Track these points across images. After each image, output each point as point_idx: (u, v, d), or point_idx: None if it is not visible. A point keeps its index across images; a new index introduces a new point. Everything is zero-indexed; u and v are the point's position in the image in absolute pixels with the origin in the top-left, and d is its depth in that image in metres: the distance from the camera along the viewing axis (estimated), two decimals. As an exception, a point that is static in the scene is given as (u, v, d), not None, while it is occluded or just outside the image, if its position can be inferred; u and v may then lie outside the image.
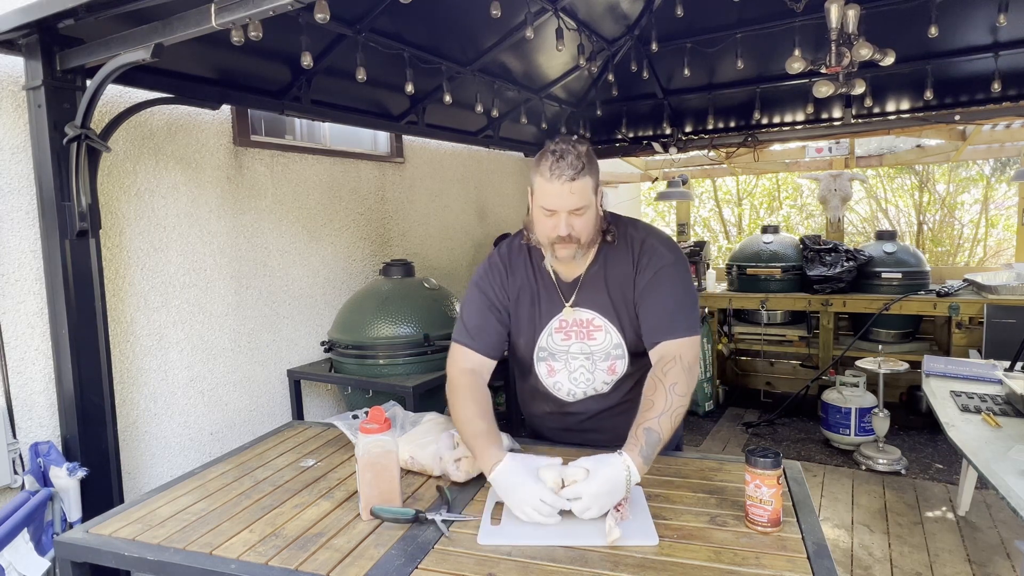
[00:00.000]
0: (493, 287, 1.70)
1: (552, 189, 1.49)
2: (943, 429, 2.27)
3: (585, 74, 3.96)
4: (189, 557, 1.28)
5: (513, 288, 1.70)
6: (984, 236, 8.76)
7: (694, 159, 6.15)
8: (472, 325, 1.68)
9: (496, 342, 1.69)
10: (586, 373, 1.68)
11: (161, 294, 2.66)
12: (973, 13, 3.17)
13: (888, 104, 4.19)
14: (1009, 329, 4.05)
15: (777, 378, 5.36)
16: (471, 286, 1.75)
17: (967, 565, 2.82)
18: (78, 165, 2.03)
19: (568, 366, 1.68)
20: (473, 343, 1.66)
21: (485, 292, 1.71)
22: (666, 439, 1.41)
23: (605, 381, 1.68)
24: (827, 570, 1.15)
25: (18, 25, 1.85)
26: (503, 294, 1.70)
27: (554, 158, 1.48)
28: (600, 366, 1.66)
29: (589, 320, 1.65)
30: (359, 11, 2.61)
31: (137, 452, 2.58)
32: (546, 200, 1.51)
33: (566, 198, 1.49)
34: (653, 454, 1.38)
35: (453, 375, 1.65)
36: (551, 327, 1.68)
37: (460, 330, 1.70)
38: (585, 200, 1.51)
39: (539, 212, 1.54)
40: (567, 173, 1.47)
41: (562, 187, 1.48)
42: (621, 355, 1.66)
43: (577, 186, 1.48)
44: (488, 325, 1.68)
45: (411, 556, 1.24)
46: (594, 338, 1.65)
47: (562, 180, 1.47)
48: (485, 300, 1.70)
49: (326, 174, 3.47)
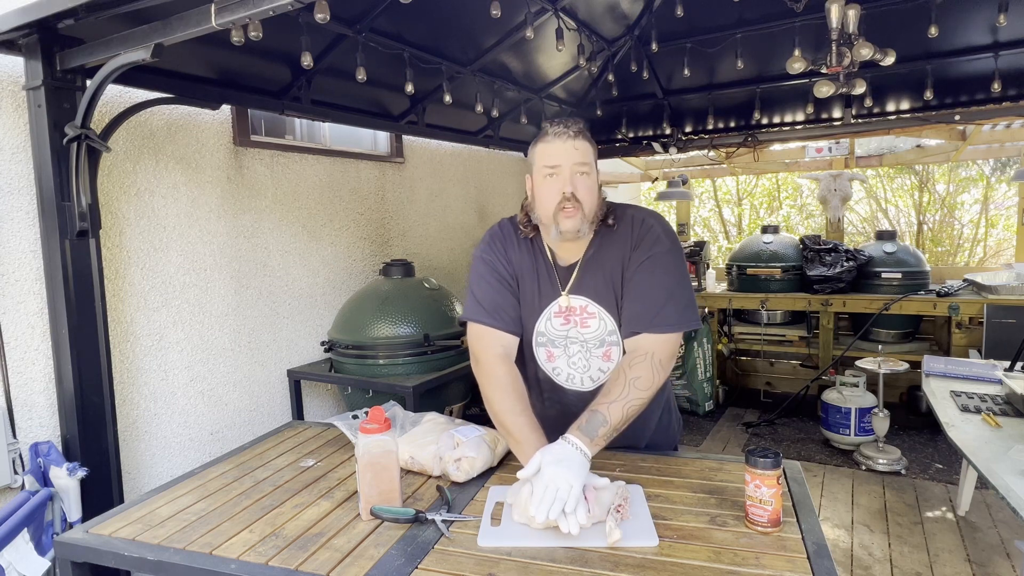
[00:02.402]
0: (500, 260, 1.65)
1: (554, 147, 1.51)
2: (943, 429, 2.27)
3: (585, 74, 3.95)
4: (189, 557, 1.28)
5: (517, 263, 1.66)
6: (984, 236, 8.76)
7: (694, 159, 6.14)
8: (489, 302, 1.62)
9: (516, 317, 1.64)
10: (582, 360, 1.65)
11: (161, 294, 2.66)
12: (973, 13, 3.17)
13: (888, 104, 4.19)
14: (1009, 329, 4.05)
15: (777, 378, 5.36)
16: (478, 261, 1.68)
17: (967, 565, 2.82)
18: (78, 165, 2.03)
19: (567, 351, 1.66)
20: (496, 322, 1.61)
21: (494, 266, 1.65)
22: (615, 424, 1.39)
23: (601, 368, 1.65)
24: (827, 570, 1.15)
25: (18, 25, 1.85)
26: (510, 267, 1.66)
27: (553, 125, 1.54)
28: (595, 352, 1.64)
29: (583, 307, 1.62)
30: (359, 11, 2.61)
31: (137, 452, 2.58)
32: (549, 158, 1.51)
33: (570, 153, 1.50)
34: (597, 432, 1.37)
35: (487, 361, 1.58)
36: (550, 311, 1.64)
37: (476, 308, 1.63)
38: (587, 159, 1.52)
39: (542, 178, 1.53)
40: (569, 132, 1.51)
41: (564, 144, 1.50)
42: (616, 342, 1.62)
43: (579, 143, 1.51)
44: (505, 301, 1.63)
45: (411, 556, 1.24)
46: (588, 325, 1.62)
47: (564, 138, 1.50)
48: (496, 274, 1.65)
49: (326, 174, 3.47)
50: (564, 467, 1.29)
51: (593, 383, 1.66)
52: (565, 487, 1.26)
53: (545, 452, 1.34)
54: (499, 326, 1.61)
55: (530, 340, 1.68)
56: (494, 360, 1.58)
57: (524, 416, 1.49)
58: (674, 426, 1.86)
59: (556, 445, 1.35)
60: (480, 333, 1.62)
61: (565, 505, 1.25)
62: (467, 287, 1.71)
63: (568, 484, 1.26)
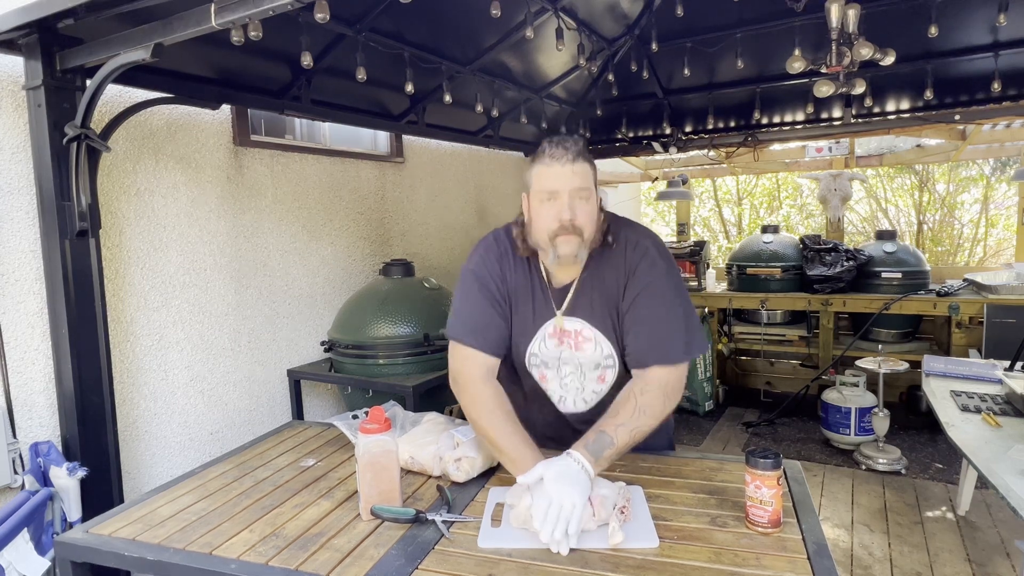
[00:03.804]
0: (494, 278, 1.60)
1: (553, 171, 1.46)
2: (943, 429, 2.27)
3: (585, 74, 3.95)
4: (189, 557, 1.28)
5: (512, 281, 1.61)
6: (984, 236, 8.76)
7: (694, 159, 6.14)
8: (475, 322, 1.58)
9: (501, 338, 1.59)
10: (576, 382, 1.63)
11: (161, 294, 2.66)
12: (973, 13, 3.17)
13: (888, 104, 4.19)
14: (1009, 329, 4.05)
15: (777, 378, 5.36)
16: (468, 274, 1.63)
17: (967, 565, 2.82)
18: (78, 165, 2.03)
19: (559, 372, 1.63)
20: (481, 343, 1.56)
21: (485, 283, 1.60)
22: (620, 448, 1.38)
23: (595, 391, 1.63)
24: (827, 570, 1.15)
25: (18, 25, 1.85)
26: (503, 286, 1.60)
27: (551, 146, 1.48)
28: (590, 375, 1.61)
29: (578, 331, 1.58)
30: (359, 11, 2.61)
31: (137, 452, 2.58)
32: (547, 183, 1.47)
33: (569, 178, 1.45)
34: (603, 452, 1.35)
35: (472, 385, 1.54)
36: (544, 332, 1.60)
37: (459, 327, 1.59)
38: (587, 183, 1.47)
39: (539, 202, 1.48)
40: (568, 155, 1.46)
41: (563, 168, 1.45)
42: (612, 364, 1.59)
43: (578, 168, 1.46)
44: (491, 322, 1.58)
45: (411, 556, 1.24)
46: (583, 349, 1.58)
47: (562, 162, 1.46)
48: (485, 292, 1.59)
49: (326, 174, 3.47)
50: (567, 484, 1.26)
51: (586, 404, 1.65)
52: (569, 506, 1.24)
53: (548, 465, 1.31)
54: (483, 348, 1.56)
55: (523, 361, 1.65)
56: (476, 381, 1.55)
57: (517, 435, 1.45)
58: (671, 425, 1.86)
59: (559, 459, 1.33)
60: (463, 354, 1.57)
61: (569, 526, 1.23)
62: (452, 301, 1.66)
63: (572, 503, 1.24)
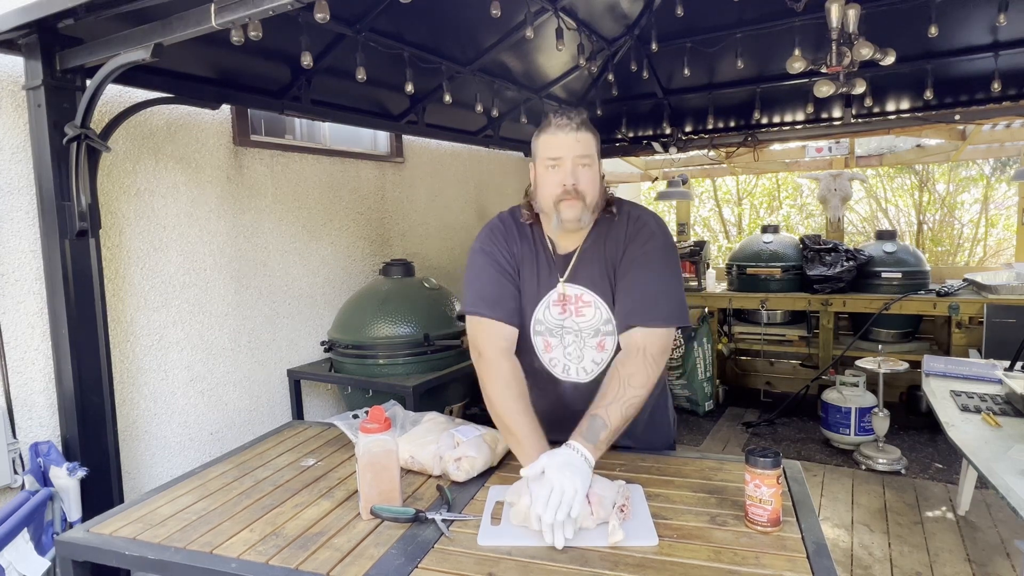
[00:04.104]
0: (501, 252, 1.66)
1: (557, 139, 1.54)
2: (943, 429, 2.27)
3: (585, 74, 3.95)
4: (189, 556, 1.28)
5: (518, 255, 1.66)
6: (984, 236, 8.76)
7: (694, 159, 6.14)
8: (491, 294, 1.61)
9: (516, 308, 1.63)
10: (576, 350, 1.65)
11: (161, 294, 2.66)
12: (973, 13, 3.17)
13: (888, 104, 4.19)
14: (1009, 329, 4.05)
15: (777, 378, 5.36)
16: (476, 253, 1.68)
17: (967, 565, 2.82)
18: (78, 165, 2.03)
19: (563, 341, 1.66)
20: (498, 314, 1.59)
21: (494, 257, 1.65)
22: (615, 426, 1.40)
23: (594, 360, 1.65)
24: (827, 570, 1.15)
25: (18, 25, 1.85)
26: (512, 259, 1.66)
27: (556, 116, 1.56)
28: (589, 343, 1.64)
29: (579, 296, 1.62)
30: (359, 11, 2.61)
31: (137, 452, 2.58)
32: (551, 150, 1.54)
33: (572, 145, 1.53)
34: (599, 437, 1.38)
35: (491, 355, 1.57)
36: (548, 300, 1.64)
37: (477, 301, 1.62)
38: (589, 151, 1.55)
39: (544, 169, 1.55)
40: (572, 124, 1.54)
41: (567, 136, 1.53)
42: (611, 331, 1.62)
43: (582, 136, 1.54)
44: (506, 292, 1.63)
45: (411, 556, 1.24)
46: (583, 314, 1.62)
47: (566, 130, 1.53)
48: (496, 265, 1.65)
49: (326, 174, 3.47)
50: (569, 472, 1.29)
51: (587, 375, 1.67)
52: (571, 491, 1.26)
53: (551, 456, 1.34)
54: (501, 318, 1.60)
55: (528, 329, 1.68)
56: (498, 354, 1.57)
57: (526, 416, 1.48)
58: (672, 424, 1.86)
59: (561, 450, 1.36)
60: (482, 326, 1.60)
61: (571, 509, 1.24)
62: (464, 282, 1.69)
63: (573, 489, 1.26)
